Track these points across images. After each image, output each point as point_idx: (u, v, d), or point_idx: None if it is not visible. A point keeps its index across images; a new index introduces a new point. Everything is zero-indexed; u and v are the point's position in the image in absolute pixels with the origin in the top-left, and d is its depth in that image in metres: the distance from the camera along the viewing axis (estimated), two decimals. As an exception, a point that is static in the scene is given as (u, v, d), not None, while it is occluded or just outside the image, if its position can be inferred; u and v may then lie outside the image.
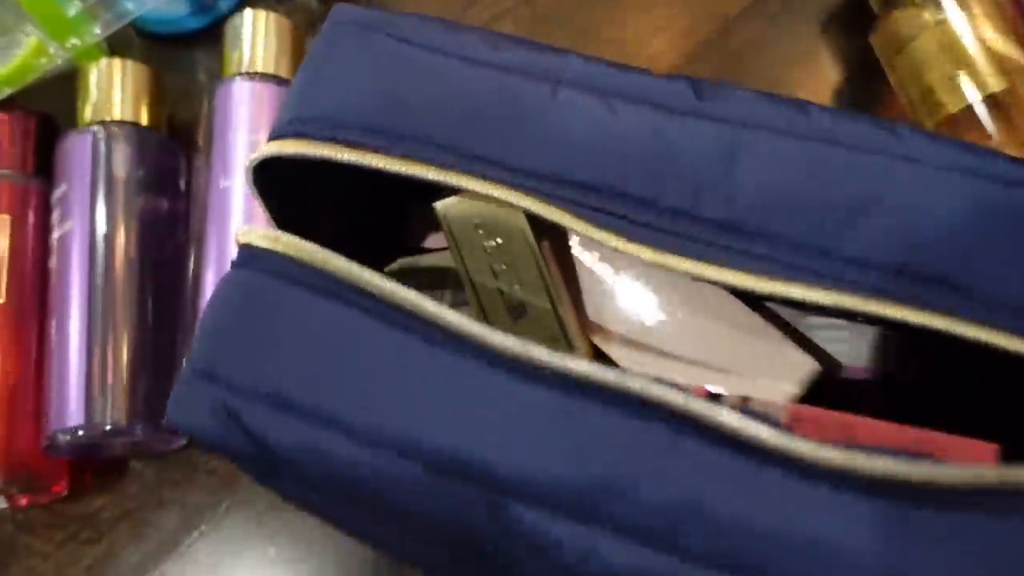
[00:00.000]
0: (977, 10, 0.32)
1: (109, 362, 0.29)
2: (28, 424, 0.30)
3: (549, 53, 0.18)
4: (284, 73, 0.33)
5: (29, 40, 0.34)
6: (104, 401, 0.28)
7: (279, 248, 0.18)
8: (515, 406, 0.15)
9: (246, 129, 0.31)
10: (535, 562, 0.16)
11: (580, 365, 0.15)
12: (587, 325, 0.22)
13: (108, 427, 0.28)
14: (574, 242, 0.22)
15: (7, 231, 0.31)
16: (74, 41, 0.34)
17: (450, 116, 0.18)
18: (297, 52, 0.34)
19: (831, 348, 0.22)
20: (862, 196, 0.17)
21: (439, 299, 0.20)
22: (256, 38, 0.33)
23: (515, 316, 0.21)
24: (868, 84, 0.36)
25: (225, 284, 0.18)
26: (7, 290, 0.30)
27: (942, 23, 0.32)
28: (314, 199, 0.22)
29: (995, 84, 0.31)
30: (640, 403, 0.15)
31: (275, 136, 0.18)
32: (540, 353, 0.15)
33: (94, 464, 0.32)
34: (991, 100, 0.31)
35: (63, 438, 0.28)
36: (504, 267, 0.21)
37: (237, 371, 0.17)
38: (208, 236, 0.30)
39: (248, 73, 0.32)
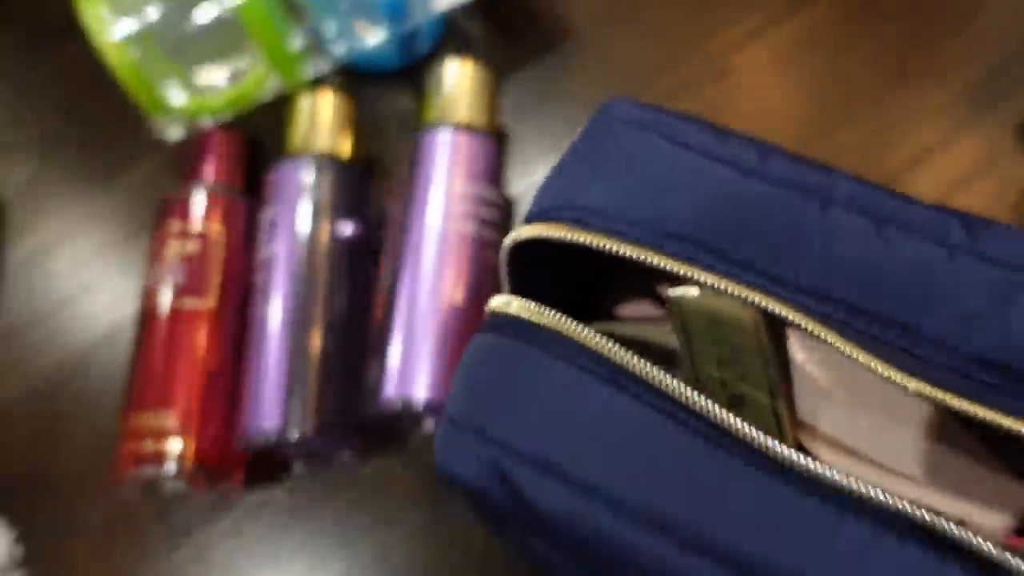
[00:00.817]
0: None
1: (306, 374, 0.31)
2: (221, 417, 0.32)
3: (818, 170, 0.19)
4: (482, 124, 0.35)
5: (256, 71, 0.37)
6: (298, 411, 0.31)
7: (542, 321, 0.19)
8: (782, 510, 0.16)
9: (445, 176, 0.33)
10: None
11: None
12: (797, 422, 0.23)
13: (299, 435, 0.31)
14: (793, 342, 0.23)
15: (223, 241, 0.34)
16: (293, 75, 0.37)
17: (719, 221, 0.19)
18: (494, 103, 0.36)
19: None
20: None
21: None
22: (460, 88, 0.35)
23: (733, 405, 0.22)
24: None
25: (481, 343, 0.20)
26: (218, 293, 0.33)
27: None
28: (543, 273, 0.23)
29: None
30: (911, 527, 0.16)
31: (546, 218, 0.20)
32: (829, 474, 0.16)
33: (264, 462, 0.35)
34: None
35: (256, 438, 0.31)
36: (729, 360, 0.22)
37: (506, 431, 0.18)
38: (403, 268, 0.32)
39: (451, 123, 0.34)
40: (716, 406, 0.17)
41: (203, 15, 0.35)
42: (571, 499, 0.17)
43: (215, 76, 0.37)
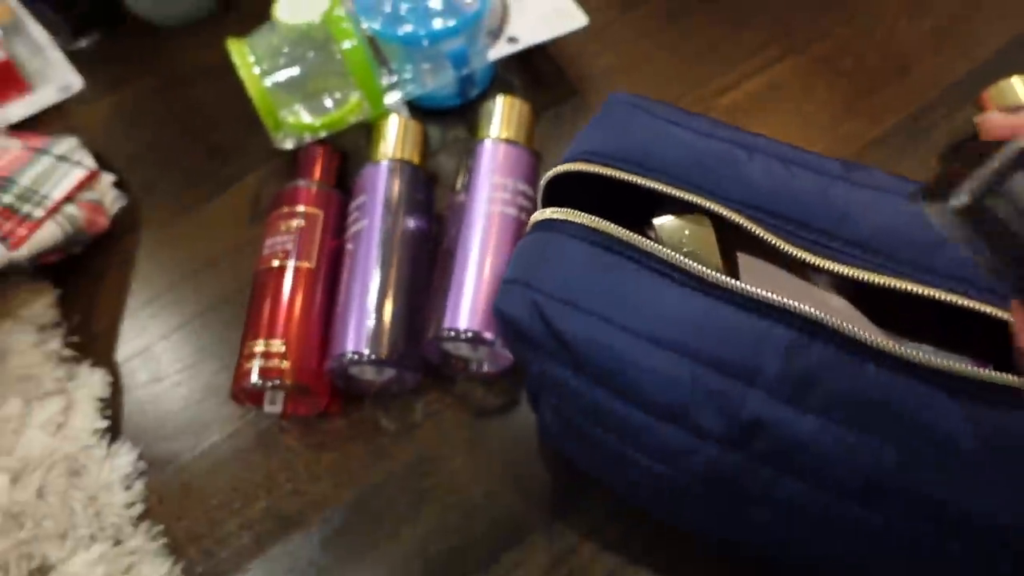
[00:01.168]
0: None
1: (383, 315, 0.41)
2: (314, 351, 0.42)
3: (749, 134, 0.30)
4: (521, 139, 0.46)
5: (351, 100, 0.49)
6: (376, 338, 0.40)
7: (568, 218, 0.29)
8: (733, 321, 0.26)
9: (490, 172, 0.44)
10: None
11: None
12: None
13: (374, 356, 0.40)
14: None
15: (320, 221, 0.45)
16: (379, 106, 0.49)
17: (682, 161, 0.29)
18: (531, 125, 0.47)
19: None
20: (942, 239, 0.26)
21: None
22: (506, 114, 0.47)
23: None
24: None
25: (530, 236, 0.30)
26: (317, 258, 0.44)
27: None
28: (564, 201, 0.33)
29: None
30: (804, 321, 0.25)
31: (565, 161, 0.30)
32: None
33: (342, 395, 0.44)
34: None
35: (344, 359, 0.40)
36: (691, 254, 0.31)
37: (541, 283, 0.28)
38: (460, 239, 0.43)
39: (498, 138, 0.46)
40: (678, 255, 0.27)
41: (322, 65, 0.47)
42: (583, 323, 0.27)
43: (322, 104, 0.49)
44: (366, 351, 0.40)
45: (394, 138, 0.47)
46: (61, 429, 0.45)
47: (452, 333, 0.40)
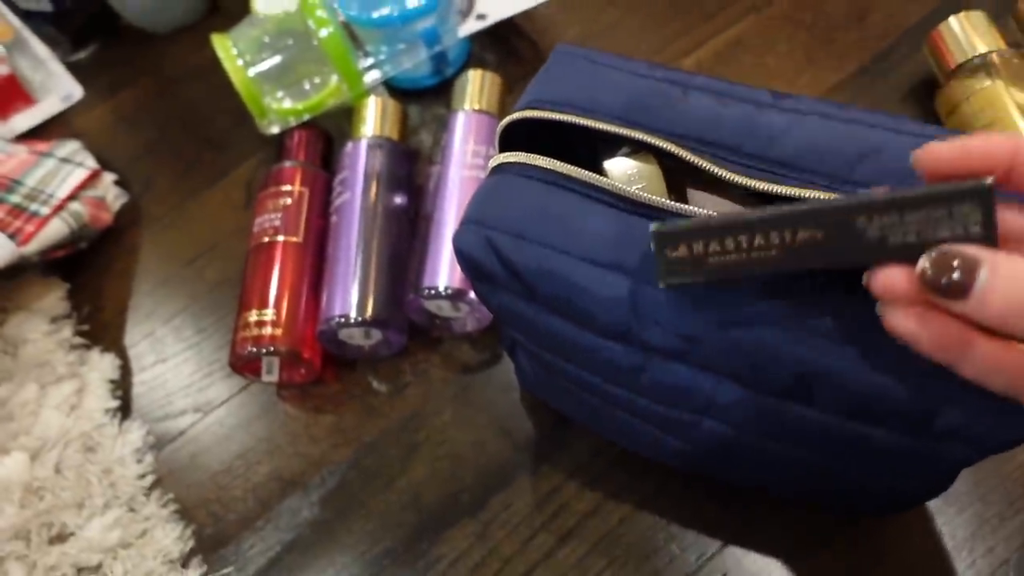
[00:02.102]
0: (1011, 80, 0.42)
1: (368, 279, 0.43)
2: (304, 318, 0.44)
3: (683, 72, 0.31)
4: (493, 110, 0.48)
5: (331, 84, 0.51)
6: (362, 301, 0.43)
7: (519, 160, 0.31)
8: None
9: (463, 141, 0.46)
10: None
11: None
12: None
13: (360, 318, 0.42)
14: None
15: (306, 199, 0.47)
16: (357, 88, 0.51)
17: (623, 102, 0.31)
18: (503, 97, 0.49)
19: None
20: (863, 152, 0.28)
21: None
22: (477, 87, 0.49)
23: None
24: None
25: (486, 181, 0.32)
26: (304, 232, 0.46)
27: (985, 89, 0.43)
28: (518, 147, 0.35)
29: None
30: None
31: (517, 110, 0.32)
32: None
33: (335, 361, 0.46)
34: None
35: (332, 322, 0.42)
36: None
37: (494, 220, 0.30)
38: (436, 202, 0.45)
39: (470, 109, 0.48)
40: (619, 184, 0.29)
41: (302, 53, 0.50)
42: (533, 253, 0.29)
43: (303, 89, 0.51)
44: (352, 313, 0.43)
45: (373, 117, 0.50)
46: (75, 410, 0.47)
47: (432, 291, 0.42)
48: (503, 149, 0.33)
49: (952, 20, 0.45)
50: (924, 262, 0.22)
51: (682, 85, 0.31)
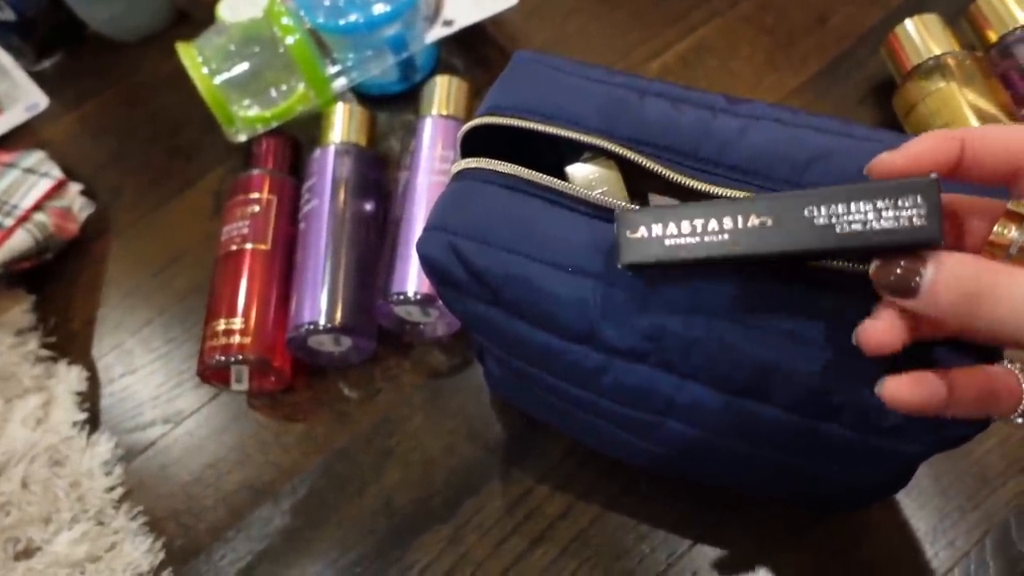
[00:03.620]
0: (965, 81, 0.43)
1: (337, 286, 0.43)
2: (272, 324, 0.44)
3: (641, 78, 0.32)
4: (460, 115, 0.49)
5: (298, 91, 0.51)
6: (331, 308, 0.43)
7: (481, 165, 0.31)
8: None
9: (431, 146, 0.46)
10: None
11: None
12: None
13: (329, 325, 0.42)
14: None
15: (274, 206, 0.47)
16: (325, 94, 0.51)
17: (581, 108, 0.31)
18: (470, 102, 0.50)
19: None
20: (813, 156, 0.28)
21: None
22: (444, 92, 0.49)
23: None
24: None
25: (448, 187, 0.32)
26: (272, 240, 0.46)
27: (940, 90, 0.44)
28: (479, 152, 0.35)
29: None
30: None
31: (477, 116, 0.32)
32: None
33: (306, 369, 0.46)
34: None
35: (302, 330, 0.42)
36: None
37: (457, 226, 0.30)
38: (404, 207, 0.45)
39: (437, 114, 0.48)
40: (578, 188, 0.29)
41: (268, 60, 0.50)
42: (496, 258, 0.29)
43: (270, 96, 0.51)
44: (322, 320, 0.42)
45: (340, 123, 0.50)
46: (42, 423, 0.47)
47: (401, 297, 0.42)
48: (465, 155, 0.34)
49: (908, 23, 0.46)
50: (875, 264, 0.23)
51: (639, 91, 0.31)
